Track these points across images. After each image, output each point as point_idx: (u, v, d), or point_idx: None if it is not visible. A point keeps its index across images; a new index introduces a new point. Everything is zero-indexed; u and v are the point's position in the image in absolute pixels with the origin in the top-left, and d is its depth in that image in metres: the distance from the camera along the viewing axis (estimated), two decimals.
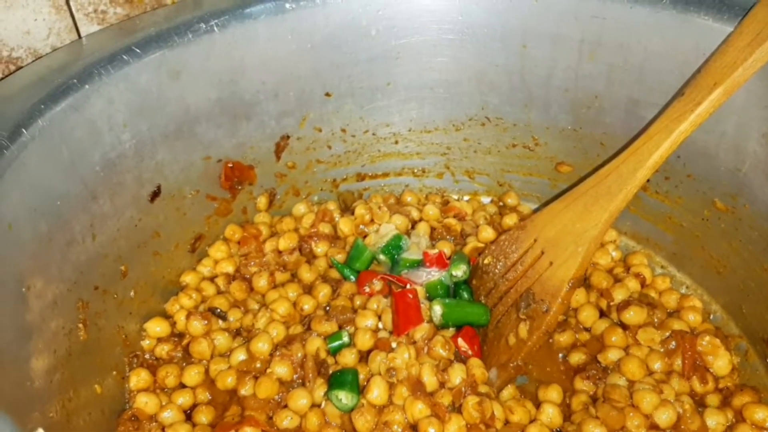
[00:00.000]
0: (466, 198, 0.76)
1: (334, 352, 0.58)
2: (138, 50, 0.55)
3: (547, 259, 0.57)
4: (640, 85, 0.61)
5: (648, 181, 0.65)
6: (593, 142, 0.67)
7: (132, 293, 0.59)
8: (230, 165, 0.66)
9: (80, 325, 0.50)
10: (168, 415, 0.53)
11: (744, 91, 0.54)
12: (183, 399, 0.55)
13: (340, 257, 0.66)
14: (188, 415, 0.54)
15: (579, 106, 0.66)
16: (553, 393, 0.55)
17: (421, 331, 0.57)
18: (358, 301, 0.62)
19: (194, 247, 0.65)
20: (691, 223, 0.63)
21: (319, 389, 0.54)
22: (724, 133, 0.57)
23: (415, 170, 0.76)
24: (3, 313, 0.40)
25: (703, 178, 0.60)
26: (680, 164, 0.62)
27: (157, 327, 0.59)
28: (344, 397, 0.53)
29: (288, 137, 0.69)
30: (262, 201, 0.70)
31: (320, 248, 0.68)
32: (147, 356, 0.58)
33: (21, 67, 0.54)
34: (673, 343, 0.55)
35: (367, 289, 0.63)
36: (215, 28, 0.59)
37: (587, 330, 0.61)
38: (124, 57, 0.54)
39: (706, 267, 0.63)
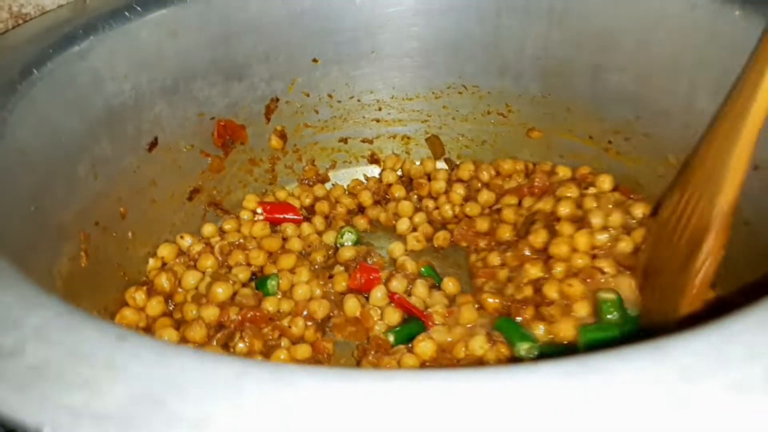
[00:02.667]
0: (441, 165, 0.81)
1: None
2: (139, 8, 0.60)
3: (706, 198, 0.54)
4: (603, 50, 0.66)
5: (610, 142, 0.71)
6: (561, 108, 0.72)
7: (130, 234, 0.63)
8: (223, 123, 0.71)
9: (82, 253, 0.55)
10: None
11: (695, 53, 0.59)
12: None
13: None
14: None
15: (548, 73, 0.71)
16: None
17: None
18: None
19: (191, 196, 0.70)
20: (648, 180, 0.68)
21: None
22: (677, 93, 0.62)
23: (397, 136, 0.80)
24: (16, 224, 0.45)
25: (658, 137, 0.65)
26: (639, 124, 0.67)
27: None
28: None
29: (278, 100, 0.74)
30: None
31: None
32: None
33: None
34: None
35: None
36: None
37: None
38: (126, 13, 0.59)
39: None
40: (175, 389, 0.23)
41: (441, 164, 0.81)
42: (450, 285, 0.65)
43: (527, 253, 0.63)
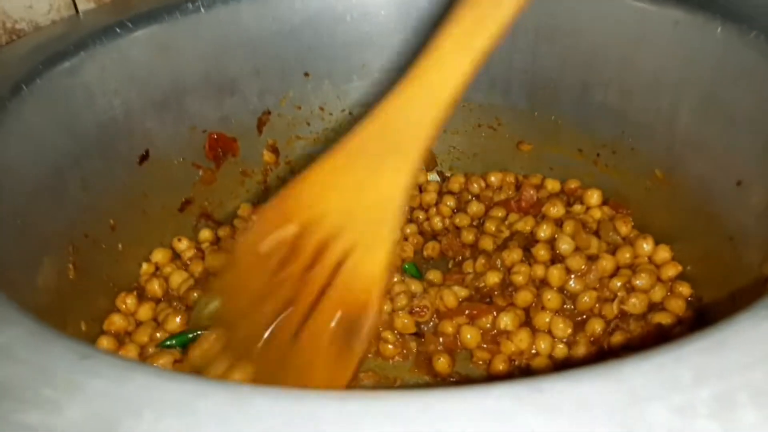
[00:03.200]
0: (433, 177, 0.82)
1: None
2: (130, 25, 0.61)
3: (343, 245, 0.40)
4: (589, 67, 0.67)
5: (598, 155, 0.71)
6: (549, 122, 0.73)
7: (120, 246, 0.64)
8: (215, 136, 0.72)
9: (70, 266, 0.56)
10: None
11: (676, 69, 0.60)
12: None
13: None
14: None
15: (536, 88, 0.72)
16: None
17: None
18: None
19: (183, 207, 0.71)
20: (636, 194, 0.68)
21: None
22: (660, 109, 0.62)
23: None
24: (1, 238, 0.46)
25: (644, 151, 0.66)
26: (625, 139, 0.67)
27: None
28: None
29: (269, 113, 0.75)
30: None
31: None
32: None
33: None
34: None
35: None
36: (201, 8, 0.65)
37: None
38: (118, 30, 0.61)
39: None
40: (130, 409, 0.24)
41: (433, 176, 0.81)
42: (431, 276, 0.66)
43: (498, 265, 0.64)
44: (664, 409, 0.25)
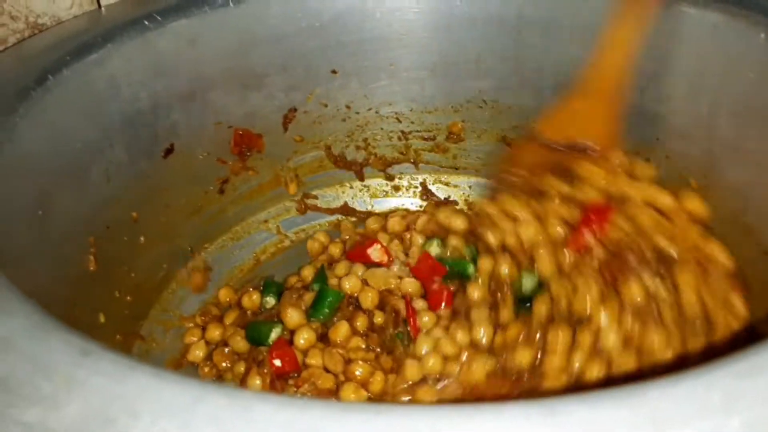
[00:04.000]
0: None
1: None
2: (158, 17, 0.61)
3: None
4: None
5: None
6: None
7: (142, 239, 0.64)
8: (240, 132, 0.72)
9: (91, 257, 0.56)
10: None
11: (716, 73, 0.57)
12: None
13: None
14: None
15: (569, 89, 0.70)
16: None
17: None
18: None
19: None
20: None
21: None
22: (698, 115, 0.60)
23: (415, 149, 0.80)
24: (20, 228, 0.46)
25: (679, 160, 0.63)
26: (660, 146, 0.65)
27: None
28: None
29: (295, 110, 0.74)
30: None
31: None
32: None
33: None
34: None
35: None
36: (230, 3, 0.65)
37: None
38: (145, 22, 0.60)
39: None
40: (128, 409, 0.23)
41: None
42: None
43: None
44: None
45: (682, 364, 0.48)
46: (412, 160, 0.80)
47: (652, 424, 0.24)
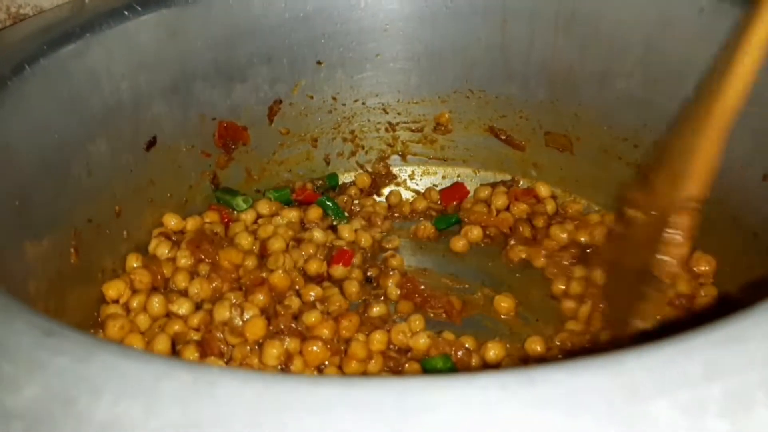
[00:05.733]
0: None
1: None
2: (138, 7, 0.60)
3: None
4: (610, 56, 0.64)
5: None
6: (568, 114, 0.70)
7: (125, 233, 0.63)
8: (224, 125, 0.71)
9: (72, 250, 0.55)
10: None
11: (703, 56, 0.57)
12: None
13: None
14: None
15: (555, 79, 0.69)
16: None
17: None
18: None
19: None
20: None
21: None
22: (686, 99, 0.59)
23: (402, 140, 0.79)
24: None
25: None
26: (647, 132, 0.64)
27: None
28: None
29: (280, 102, 0.73)
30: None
31: None
32: None
33: None
34: None
35: None
36: None
37: None
38: (125, 13, 0.60)
39: None
40: (90, 389, 0.22)
41: None
42: None
43: None
44: (669, 406, 0.23)
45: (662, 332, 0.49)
46: (399, 152, 0.79)
47: (632, 393, 0.23)
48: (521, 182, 0.76)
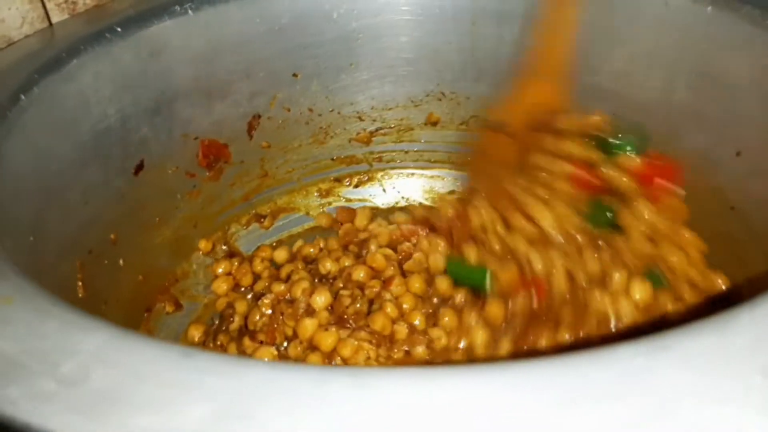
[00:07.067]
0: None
1: None
2: (119, 29, 0.59)
3: None
4: (577, 52, 0.68)
5: None
6: None
7: (121, 261, 0.61)
8: (206, 143, 0.70)
9: (79, 284, 0.53)
10: None
11: (670, 47, 0.62)
12: None
13: None
14: None
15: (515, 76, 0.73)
16: None
17: None
18: None
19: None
20: None
21: None
22: (654, 88, 0.64)
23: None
24: (18, 259, 0.43)
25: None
26: (617, 121, 0.69)
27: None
28: None
29: (259, 116, 0.73)
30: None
31: None
32: None
33: None
34: None
35: None
36: (189, 11, 0.64)
37: None
38: (107, 35, 0.58)
39: None
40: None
41: None
42: None
43: None
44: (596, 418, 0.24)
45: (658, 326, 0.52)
46: (376, 158, 0.80)
47: (559, 402, 0.24)
48: None
